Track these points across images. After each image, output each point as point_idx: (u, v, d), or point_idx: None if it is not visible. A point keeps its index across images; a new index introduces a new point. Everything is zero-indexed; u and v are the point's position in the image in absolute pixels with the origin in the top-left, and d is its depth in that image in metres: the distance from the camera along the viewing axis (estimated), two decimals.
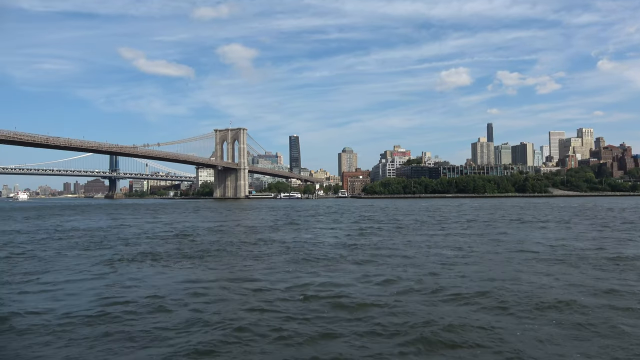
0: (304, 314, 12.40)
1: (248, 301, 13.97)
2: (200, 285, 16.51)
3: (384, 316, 12.04)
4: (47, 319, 12.20)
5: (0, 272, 19.55)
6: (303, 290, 15.09)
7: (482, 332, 10.68)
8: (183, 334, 10.85)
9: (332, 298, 14.00)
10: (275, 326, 11.27)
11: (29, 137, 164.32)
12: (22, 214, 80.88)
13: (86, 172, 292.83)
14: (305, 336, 10.54)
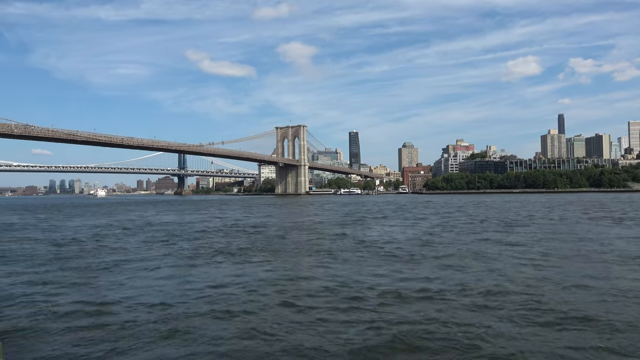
0: (407, 314, 11.75)
1: (336, 296, 13.52)
2: (287, 280, 16.33)
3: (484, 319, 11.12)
4: (148, 310, 12.39)
5: (93, 263, 20.50)
6: (398, 289, 14.36)
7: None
8: (292, 329, 10.61)
9: (419, 292, 13.30)
10: (386, 325, 10.71)
11: (107, 138, 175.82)
12: (103, 209, 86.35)
13: (157, 170, 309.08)
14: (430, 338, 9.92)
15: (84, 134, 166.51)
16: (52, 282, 16.58)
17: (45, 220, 54.05)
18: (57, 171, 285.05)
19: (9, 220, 54.60)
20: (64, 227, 44.00)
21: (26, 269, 19.35)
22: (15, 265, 20.58)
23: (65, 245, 27.94)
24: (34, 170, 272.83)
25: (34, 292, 15.00)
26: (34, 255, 23.73)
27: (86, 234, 35.41)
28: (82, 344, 9.90)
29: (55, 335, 10.49)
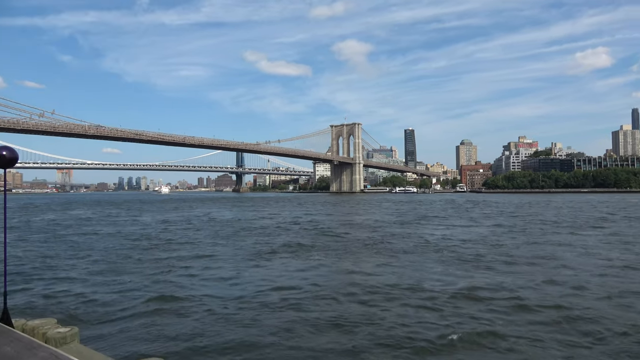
0: (483, 316, 11.26)
1: (409, 297, 13.13)
2: (357, 277, 16.19)
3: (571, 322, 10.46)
4: (222, 303, 12.58)
5: (165, 257, 21.33)
6: (471, 293, 13.79)
7: None
8: (367, 325, 10.40)
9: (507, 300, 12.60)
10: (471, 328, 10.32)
11: (170, 137, 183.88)
12: (168, 205, 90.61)
13: (216, 168, 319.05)
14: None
15: (149, 133, 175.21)
16: (127, 273, 17.44)
17: (118, 215, 57.29)
18: (125, 169, 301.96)
19: (85, 215, 58.39)
20: (135, 221, 46.46)
21: (103, 260, 20.48)
22: (94, 256, 21.85)
23: (138, 239, 29.41)
24: (105, 168, 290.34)
25: (110, 282, 15.81)
26: (109, 247, 25.16)
27: (156, 229, 37.17)
28: (156, 334, 10.21)
29: (128, 324, 10.96)
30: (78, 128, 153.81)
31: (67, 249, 24.58)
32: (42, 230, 36.49)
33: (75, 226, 40.43)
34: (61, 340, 5.70)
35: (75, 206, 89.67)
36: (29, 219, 50.61)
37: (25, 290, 14.67)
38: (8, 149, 6.81)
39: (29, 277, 16.73)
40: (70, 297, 13.66)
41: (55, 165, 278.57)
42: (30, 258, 21.42)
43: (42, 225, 40.89)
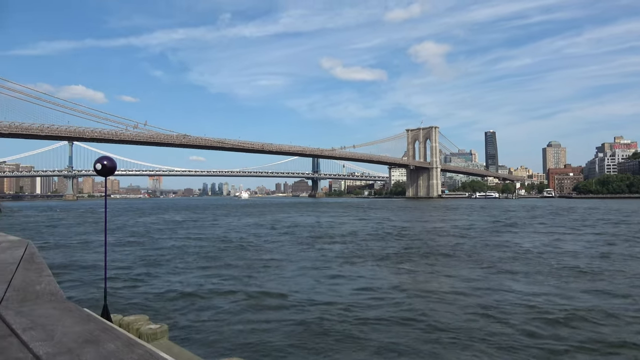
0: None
1: (527, 314, 11.81)
2: (458, 289, 15.16)
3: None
4: (314, 307, 12.07)
5: (255, 260, 21.41)
6: (594, 309, 12.29)
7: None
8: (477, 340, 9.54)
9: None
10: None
11: (250, 145, 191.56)
12: (249, 210, 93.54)
13: (293, 174, 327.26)
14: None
15: (231, 141, 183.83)
16: (218, 274, 17.86)
17: (205, 219, 59.92)
18: (209, 175, 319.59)
19: (176, 219, 62.09)
20: (223, 225, 48.28)
21: (194, 262, 21.20)
22: (186, 257, 22.66)
23: (227, 242, 30.34)
24: (191, 174, 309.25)
25: (201, 282, 16.32)
26: (201, 249, 26.04)
27: (243, 232, 38.14)
28: (245, 335, 10.22)
29: (217, 323, 11.14)
30: (167, 137, 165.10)
31: (162, 251, 25.87)
32: (139, 233, 38.91)
33: (168, 229, 42.77)
34: (152, 336, 6.11)
35: (166, 211, 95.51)
36: (126, 222, 54.71)
37: (122, 288, 15.75)
38: (108, 159, 7.44)
39: (125, 276, 17.78)
40: (162, 296, 14.31)
41: (147, 172, 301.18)
42: (127, 259, 22.78)
43: (138, 229, 43.63)
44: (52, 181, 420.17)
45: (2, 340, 1.29)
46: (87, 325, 1.43)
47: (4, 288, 2.14)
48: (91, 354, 1.12)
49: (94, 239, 32.95)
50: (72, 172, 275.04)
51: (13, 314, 1.69)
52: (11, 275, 2.41)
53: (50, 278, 2.25)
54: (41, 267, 2.63)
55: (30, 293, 2.09)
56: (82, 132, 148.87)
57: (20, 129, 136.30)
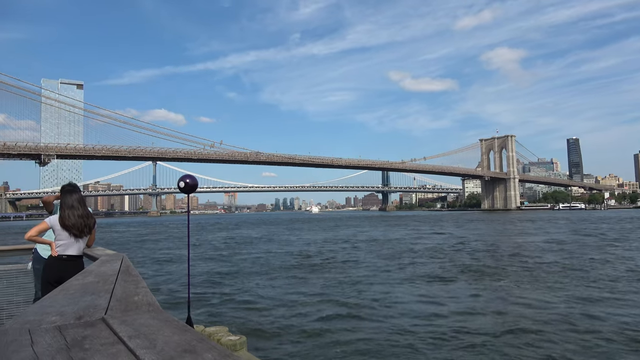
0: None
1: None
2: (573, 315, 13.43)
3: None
4: (397, 323, 11.81)
5: (334, 275, 21.30)
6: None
7: None
8: None
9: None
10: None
11: (319, 160, 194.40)
12: (323, 224, 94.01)
13: (362, 188, 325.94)
14: None
15: (301, 157, 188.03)
16: (300, 290, 17.82)
17: (281, 234, 61.04)
18: (280, 190, 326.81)
19: (252, 234, 64.05)
20: (299, 239, 48.83)
21: (274, 276, 21.43)
22: (266, 271, 22.90)
23: (305, 256, 30.54)
24: (263, 190, 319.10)
25: (280, 296, 16.39)
26: (281, 264, 26.30)
27: (319, 247, 38.18)
28: (322, 350, 10.17)
29: (294, 337, 11.18)
30: (241, 155, 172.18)
31: (242, 265, 26.65)
32: (219, 247, 40.35)
33: (246, 244, 44.08)
34: (232, 347, 6.35)
35: (242, 225, 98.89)
36: (206, 237, 57.34)
37: (203, 299, 16.47)
38: (190, 177, 7.91)
39: (207, 289, 18.55)
40: (242, 308, 14.69)
41: (223, 189, 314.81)
42: (209, 272, 23.64)
43: (218, 244, 45.24)
44: (139, 199, 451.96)
45: (112, 347, 1.40)
46: (184, 335, 1.50)
47: (108, 298, 2.28)
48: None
49: (178, 253, 34.85)
50: (155, 190, 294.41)
51: (118, 322, 1.80)
52: (112, 286, 2.65)
53: (146, 289, 2.45)
54: (137, 279, 2.87)
55: (130, 303, 2.18)
56: (164, 153, 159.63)
57: (111, 151, 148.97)
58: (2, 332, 1.84)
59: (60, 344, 1.55)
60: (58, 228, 5.40)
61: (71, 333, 1.71)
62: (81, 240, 5.52)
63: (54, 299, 2.47)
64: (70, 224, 5.39)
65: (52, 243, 5.50)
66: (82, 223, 5.47)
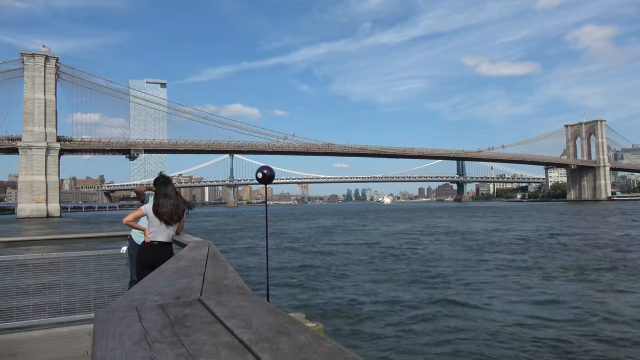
0: None
1: None
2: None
3: None
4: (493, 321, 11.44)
5: (417, 268, 20.95)
6: None
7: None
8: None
9: None
10: None
11: (391, 150, 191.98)
12: (395, 214, 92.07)
13: (436, 178, 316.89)
14: None
15: (372, 147, 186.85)
16: (381, 282, 17.67)
17: (355, 224, 61.06)
18: (352, 181, 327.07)
19: (327, 224, 64.62)
20: (373, 230, 48.45)
21: (355, 268, 21.27)
22: (345, 262, 23.07)
23: (384, 248, 30.06)
24: (335, 181, 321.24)
25: (362, 287, 16.31)
26: (360, 255, 26.14)
27: (398, 238, 37.20)
28: (406, 343, 9.98)
29: (375, 329, 11.07)
30: (313, 147, 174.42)
31: (319, 255, 26.83)
32: (295, 238, 40.87)
33: (321, 234, 44.40)
34: None
35: (316, 216, 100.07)
36: (282, 227, 58.74)
37: (281, 287, 16.68)
38: (268, 168, 8.13)
39: (285, 277, 18.95)
40: (319, 297, 14.87)
41: (296, 180, 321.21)
42: (287, 261, 24.15)
43: (294, 234, 45.97)
44: (217, 190, 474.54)
45: (210, 326, 1.48)
46: (276, 317, 1.55)
47: (201, 281, 2.40)
48: (287, 343, 1.21)
49: (256, 243, 36.12)
50: (233, 181, 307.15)
51: (214, 303, 1.86)
52: (203, 270, 2.79)
53: (234, 274, 2.56)
54: (225, 264, 3.00)
55: (222, 286, 2.28)
56: (240, 146, 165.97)
57: (192, 145, 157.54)
58: (113, 308, 1.95)
59: (164, 320, 1.67)
60: (151, 215, 5.80)
61: (172, 311, 1.82)
62: (171, 227, 5.88)
63: (153, 280, 2.66)
64: (161, 212, 5.76)
65: (146, 230, 5.92)
66: (173, 211, 5.83)
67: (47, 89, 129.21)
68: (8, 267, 6.78)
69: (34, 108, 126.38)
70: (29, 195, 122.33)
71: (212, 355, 1.15)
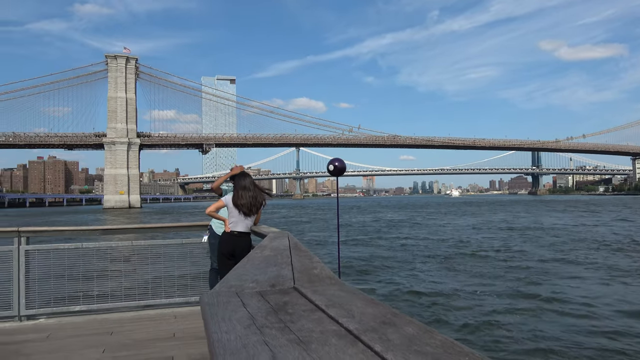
0: None
1: None
2: None
3: None
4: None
5: (504, 265, 19.97)
6: None
7: None
8: None
9: None
10: None
11: (459, 141, 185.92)
12: (468, 208, 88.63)
13: (509, 170, 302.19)
14: None
15: (439, 139, 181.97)
16: (459, 277, 17.17)
17: (422, 218, 59.82)
18: (419, 174, 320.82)
19: (395, 218, 63.95)
20: (443, 224, 47.00)
21: (427, 263, 20.84)
22: (419, 257, 22.57)
23: (457, 242, 29.03)
24: (401, 173, 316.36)
25: (439, 283, 15.85)
26: (433, 250, 25.47)
27: (471, 233, 35.71)
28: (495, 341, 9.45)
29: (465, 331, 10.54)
30: (378, 139, 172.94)
31: (391, 249, 26.44)
32: (364, 230, 40.32)
33: (390, 228, 43.61)
34: None
35: (383, 208, 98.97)
36: (349, 219, 58.25)
37: (352, 281, 16.57)
38: (339, 160, 8.14)
39: (356, 270, 18.99)
40: (392, 291, 14.74)
41: (362, 172, 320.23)
42: (357, 254, 24.02)
43: (363, 227, 45.42)
44: (284, 182, 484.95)
45: (312, 314, 1.47)
46: (377, 308, 1.49)
47: (290, 270, 2.43)
48: (395, 334, 1.17)
49: (324, 235, 36.41)
50: (299, 174, 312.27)
51: (310, 292, 1.82)
52: (289, 259, 2.83)
53: (321, 264, 2.57)
54: (309, 254, 3.02)
55: (312, 276, 2.30)
56: (306, 139, 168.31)
57: (260, 139, 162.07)
58: (215, 293, 1.96)
59: (266, 307, 1.65)
60: (231, 206, 6.03)
61: (272, 298, 1.79)
62: (249, 218, 6.08)
63: (244, 268, 2.74)
64: (240, 203, 5.97)
65: (226, 220, 6.17)
66: (251, 203, 6.02)
67: (128, 88, 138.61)
68: (104, 254, 7.37)
69: (117, 106, 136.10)
70: (113, 187, 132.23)
71: (322, 342, 1.14)
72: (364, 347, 1.08)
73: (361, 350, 1.05)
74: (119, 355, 4.95)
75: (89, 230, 7.93)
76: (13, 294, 6.49)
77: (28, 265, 6.60)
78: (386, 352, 1.01)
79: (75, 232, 7.70)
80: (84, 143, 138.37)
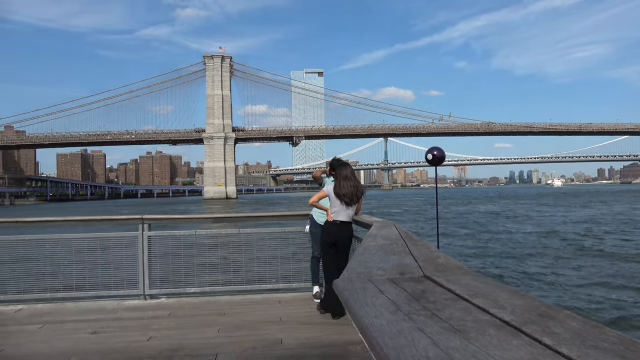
0: None
1: None
2: None
3: None
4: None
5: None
6: None
7: None
8: None
9: None
10: None
11: (563, 127, 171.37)
12: (575, 200, 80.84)
13: (620, 157, 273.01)
14: None
15: (540, 125, 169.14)
16: (570, 274, 15.84)
17: (523, 209, 55.96)
18: (516, 162, 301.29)
19: (488, 209, 60.69)
20: (549, 216, 43.21)
21: (537, 259, 19.37)
22: (528, 253, 21.03)
23: (572, 237, 26.38)
24: (496, 162, 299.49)
25: (559, 277, 14.86)
26: (541, 245, 23.84)
27: (586, 227, 31.72)
28: None
29: None
30: (470, 127, 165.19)
31: (493, 242, 25.03)
32: (460, 223, 38.38)
33: (489, 221, 40.96)
34: None
35: (477, 200, 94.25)
36: (441, 210, 55.69)
37: None
38: (438, 149, 7.87)
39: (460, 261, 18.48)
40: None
41: (453, 162, 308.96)
42: (457, 248, 23.07)
43: (458, 219, 43.57)
44: (372, 173, 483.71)
45: (456, 303, 1.37)
46: (525, 300, 1.37)
47: (412, 258, 2.36)
48: (559, 327, 1.07)
49: (420, 226, 35.62)
50: (387, 164, 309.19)
51: (445, 281, 1.69)
52: (405, 248, 2.76)
53: (442, 254, 2.48)
54: (425, 243, 2.93)
55: (438, 265, 2.20)
56: (394, 129, 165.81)
57: (348, 130, 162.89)
58: (348, 279, 1.91)
59: (404, 294, 1.55)
60: (332, 196, 6.10)
61: (407, 286, 1.70)
62: (351, 207, 6.11)
63: (365, 256, 2.73)
64: (342, 193, 6.02)
65: (328, 210, 6.26)
66: (353, 193, 6.05)
67: (223, 85, 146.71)
68: (215, 240, 7.90)
69: (214, 103, 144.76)
70: (211, 179, 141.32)
71: (480, 331, 1.06)
72: (530, 340, 1.01)
73: (527, 342, 0.99)
74: (233, 335, 5.25)
75: (202, 219, 8.54)
76: (139, 275, 7.19)
77: (150, 249, 7.27)
78: (559, 346, 0.95)
79: (190, 220, 8.32)
80: (186, 139, 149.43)
